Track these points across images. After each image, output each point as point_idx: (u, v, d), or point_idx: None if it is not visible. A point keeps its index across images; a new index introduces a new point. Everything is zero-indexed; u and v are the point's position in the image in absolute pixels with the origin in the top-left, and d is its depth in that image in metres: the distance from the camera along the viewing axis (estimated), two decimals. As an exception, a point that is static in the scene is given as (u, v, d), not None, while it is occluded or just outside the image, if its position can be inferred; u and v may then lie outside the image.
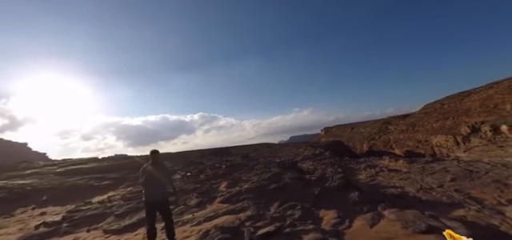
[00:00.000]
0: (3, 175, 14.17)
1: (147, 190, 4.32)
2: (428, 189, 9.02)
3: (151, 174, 4.35)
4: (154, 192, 4.31)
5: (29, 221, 7.20)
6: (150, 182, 4.31)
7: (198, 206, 6.83)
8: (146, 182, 4.32)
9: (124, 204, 7.46)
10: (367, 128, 41.46)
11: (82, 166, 15.94)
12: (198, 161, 18.20)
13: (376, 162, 16.95)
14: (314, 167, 14.77)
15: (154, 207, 4.32)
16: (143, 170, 4.41)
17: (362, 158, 21.30)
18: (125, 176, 12.48)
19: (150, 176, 4.33)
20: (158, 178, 4.36)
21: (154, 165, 4.43)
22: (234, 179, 9.23)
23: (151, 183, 4.31)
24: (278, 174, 9.59)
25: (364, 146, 39.04)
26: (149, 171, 4.37)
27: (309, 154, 24.37)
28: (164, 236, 4.62)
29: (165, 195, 4.44)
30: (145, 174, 4.37)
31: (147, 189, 4.33)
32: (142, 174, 4.39)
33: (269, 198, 6.81)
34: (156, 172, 4.37)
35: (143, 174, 4.38)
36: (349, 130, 44.10)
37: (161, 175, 4.42)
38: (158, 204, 4.33)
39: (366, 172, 13.52)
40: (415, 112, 37.58)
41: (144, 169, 4.43)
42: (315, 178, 9.41)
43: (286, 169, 11.77)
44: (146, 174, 4.36)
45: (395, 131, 37.26)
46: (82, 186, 10.52)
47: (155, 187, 4.32)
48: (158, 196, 4.33)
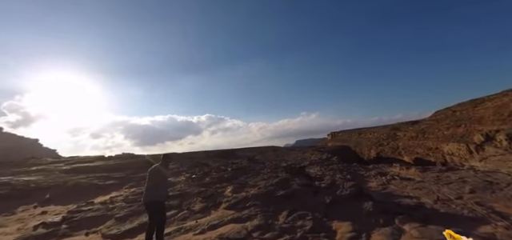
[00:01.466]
0: (10, 171, 14.11)
1: (146, 189, 4.34)
2: (446, 200, 8.41)
3: (154, 174, 4.38)
4: (150, 193, 4.27)
5: (29, 220, 6.95)
6: (149, 183, 4.33)
7: (203, 211, 6.44)
8: (147, 182, 4.38)
9: (126, 206, 7.13)
10: (375, 134, 40.58)
11: (88, 164, 15.80)
12: (204, 162, 17.88)
13: (386, 170, 16.31)
14: (322, 173, 14.26)
15: (149, 207, 4.28)
16: (150, 170, 4.47)
17: (370, 165, 20.62)
18: (129, 176, 12.23)
19: (151, 176, 4.37)
20: (159, 179, 4.35)
21: (161, 167, 4.50)
22: (240, 184, 8.82)
23: (149, 185, 4.31)
24: (285, 179, 9.14)
25: (372, 151, 38.16)
26: (151, 172, 4.42)
27: (316, 158, 23.81)
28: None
29: (161, 198, 4.35)
30: (149, 173, 4.43)
31: (145, 190, 4.35)
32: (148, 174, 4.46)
33: (277, 206, 6.38)
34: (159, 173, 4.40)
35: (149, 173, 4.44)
36: (356, 136, 43.26)
37: (162, 178, 4.42)
38: (150, 204, 4.25)
39: (377, 180, 12.92)
40: (425, 118, 36.57)
41: (151, 169, 4.48)
42: (325, 186, 8.92)
43: (294, 174, 11.31)
44: (149, 174, 4.41)
45: (404, 138, 36.31)
46: (86, 184, 10.29)
47: (153, 188, 4.29)
48: (153, 197, 4.26)
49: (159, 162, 4.56)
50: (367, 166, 18.85)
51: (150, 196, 4.23)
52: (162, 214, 4.40)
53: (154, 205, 4.23)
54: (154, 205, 4.23)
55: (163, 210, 4.45)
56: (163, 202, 4.45)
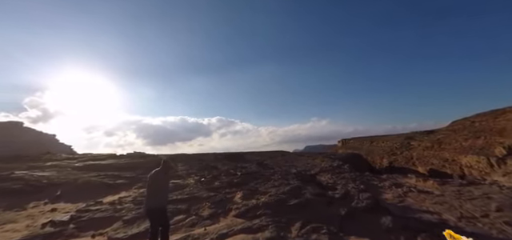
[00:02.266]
0: (26, 165, 14.36)
1: (146, 196, 4.21)
2: (470, 218, 7.80)
3: (153, 180, 4.25)
4: (150, 200, 4.12)
5: (38, 217, 6.88)
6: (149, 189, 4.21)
7: (211, 218, 6.16)
8: (146, 188, 4.27)
9: (134, 208, 6.95)
10: (388, 142, 39.32)
11: (100, 161, 15.91)
12: (213, 165, 17.67)
13: (401, 181, 15.58)
14: (333, 181, 13.74)
15: (150, 215, 4.14)
16: (149, 176, 4.34)
17: (384, 174, 19.82)
18: (139, 176, 12.14)
19: (151, 182, 4.24)
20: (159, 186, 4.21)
21: (162, 172, 4.32)
22: (251, 190, 8.50)
23: (149, 191, 4.18)
24: (297, 187, 8.77)
25: (384, 160, 36.94)
26: (151, 177, 4.29)
27: (326, 166, 23.16)
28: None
29: (161, 205, 4.15)
30: (148, 179, 4.30)
31: (146, 196, 4.22)
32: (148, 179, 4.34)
33: (289, 217, 6.01)
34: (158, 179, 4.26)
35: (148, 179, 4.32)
36: (368, 143, 42.08)
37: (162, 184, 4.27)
38: (151, 212, 4.09)
39: (392, 191, 12.30)
40: (441, 128, 35.14)
41: (151, 174, 4.34)
42: (339, 196, 8.47)
43: (306, 182, 10.90)
44: (149, 180, 4.28)
45: (419, 147, 34.97)
46: (96, 183, 10.25)
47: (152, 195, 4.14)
48: (153, 204, 4.08)
49: (159, 167, 4.36)
50: (380, 176, 18.10)
51: (150, 203, 4.07)
52: (165, 221, 4.20)
53: (154, 212, 4.06)
54: (155, 212, 4.06)
55: (165, 216, 4.25)
56: (164, 209, 4.24)
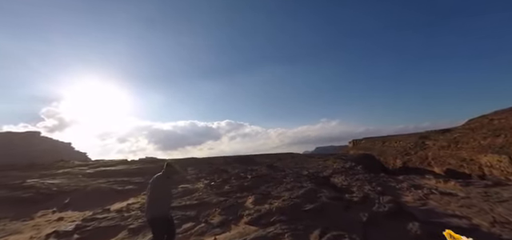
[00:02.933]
0: (38, 173, 14.36)
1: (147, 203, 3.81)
2: (505, 223, 7.01)
3: (154, 186, 3.85)
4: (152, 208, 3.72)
5: (44, 227, 6.60)
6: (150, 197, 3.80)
7: (222, 225, 5.69)
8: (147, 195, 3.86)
9: (141, 215, 6.57)
10: (401, 142, 37.94)
11: (111, 167, 15.78)
12: (223, 168, 17.26)
13: (420, 182, 14.68)
14: (347, 183, 13.04)
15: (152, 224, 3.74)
16: (151, 182, 3.94)
17: (400, 175, 18.87)
18: (148, 181, 11.82)
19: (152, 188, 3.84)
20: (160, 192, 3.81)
21: (163, 176, 3.94)
22: (263, 194, 8.00)
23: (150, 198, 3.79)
24: (312, 190, 8.20)
25: (397, 161, 35.62)
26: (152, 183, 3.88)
27: (338, 167, 22.35)
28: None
29: (163, 213, 3.76)
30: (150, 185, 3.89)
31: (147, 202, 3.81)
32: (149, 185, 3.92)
33: (306, 223, 5.47)
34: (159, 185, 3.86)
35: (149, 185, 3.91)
36: (380, 144, 40.77)
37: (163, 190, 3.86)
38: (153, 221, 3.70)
39: (412, 193, 11.49)
40: (458, 127, 33.58)
41: (152, 180, 3.94)
42: (357, 200, 7.84)
43: (319, 184, 10.31)
44: (150, 186, 3.88)
45: (434, 147, 33.53)
46: (105, 189, 9.99)
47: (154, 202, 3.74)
48: (155, 213, 3.69)
49: (161, 171, 3.99)
50: (396, 177, 17.19)
51: (152, 211, 3.69)
52: (169, 230, 3.87)
53: (156, 221, 3.68)
54: (157, 221, 3.68)
55: (168, 225, 3.89)
56: (167, 217, 3.87)
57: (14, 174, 13.52)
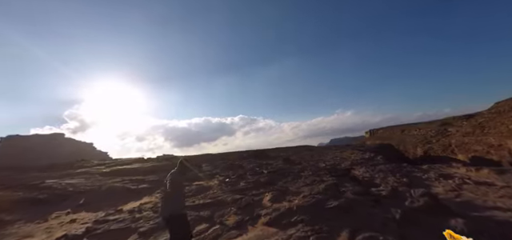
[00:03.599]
0: (58, 173, 14.50)
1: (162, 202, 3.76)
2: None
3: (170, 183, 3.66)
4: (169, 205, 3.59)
5: (55, 230, 6.33)
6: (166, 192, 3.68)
7: (238, 227, 5.14)
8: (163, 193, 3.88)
9: (152, 217, 6.16)
10: (421, 130, 35.96)
11: (127, 166, 15.73)
12: (238, 163, 16.79)
13: (447, 171, 13.49)
14: (369, 175, 12.15)
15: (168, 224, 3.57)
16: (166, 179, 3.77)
17: (424, 165, 17.64)
18: (162, 179, 11.52)
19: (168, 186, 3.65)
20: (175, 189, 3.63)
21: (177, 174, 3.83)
22: (280, 190, 7.38)
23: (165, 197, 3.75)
24: (334, 185, 7.48)
25: (418, 150, 33.80)
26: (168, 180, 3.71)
27: (357, 158, 21.29)
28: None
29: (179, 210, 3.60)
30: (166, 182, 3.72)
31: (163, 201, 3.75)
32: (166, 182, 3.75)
33: (331, 223, 4.81)
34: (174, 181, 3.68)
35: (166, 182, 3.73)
36: (399, 133, 38.87)
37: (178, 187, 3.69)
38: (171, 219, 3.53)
39: (442, 184, 10.44)
40: (483, 111, 31.27)
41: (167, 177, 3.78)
42: (386, 193, 7.04)
43: (340, 178, 9.55)
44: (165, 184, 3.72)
45: (457, 134, 31.46)
46: (119, 189, 9.76)
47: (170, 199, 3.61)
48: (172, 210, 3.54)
49: (175, 168, 3.90)
50: (420, 167, 16.02)
51: (168, 210, 3.53)
52: (186, 229, 3.66)
53: (174, 219, 3.51)
54: (175, 219, 3.52)
55: (185, 224, 3.68)
56: (182, 215, 3.68)
57: (34, 175, 13.70)
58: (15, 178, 14.12)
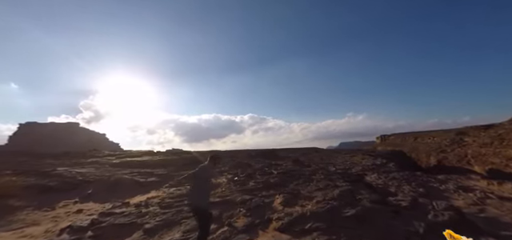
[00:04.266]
0: (70, 162, 14.61)
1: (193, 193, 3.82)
2: None
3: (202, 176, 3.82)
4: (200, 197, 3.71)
5: (62, 219, 6.20)
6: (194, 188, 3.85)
7: (248, 230, 4.79)
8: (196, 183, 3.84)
9: (159, 212, 5.90)
10: (435, 138, 34.51)
11: (136, 158, 15.70)
12: (246, 162, 16.47)
13: (466, 183, 12.66)
14: (383, 182, 11.56)
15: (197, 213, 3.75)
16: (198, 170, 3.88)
17: (440, 175, 16.78)
18: (171, 173, 11.37)
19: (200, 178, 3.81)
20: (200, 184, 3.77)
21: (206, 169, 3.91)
22: (292, 193, 6.98)
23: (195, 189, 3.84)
24: (349, 191, 7.02)
25: (431, 158, 32.44)
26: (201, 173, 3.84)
27: (368, 163, 20.56)
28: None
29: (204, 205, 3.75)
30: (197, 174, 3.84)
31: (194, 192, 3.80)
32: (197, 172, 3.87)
33: (349, 234, 4.39)
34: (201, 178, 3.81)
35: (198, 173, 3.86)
36: (411, 140, 37.50)
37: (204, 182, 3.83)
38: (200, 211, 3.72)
39: (462, 197, 9.75)
40: (504, 122, 29.64)
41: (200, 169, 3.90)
42: (406, 204, 6.53)
43: (354, 183, 9.06)
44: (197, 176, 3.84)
45: (474, 144, 29.93)
46: (127, 181, 9.61)
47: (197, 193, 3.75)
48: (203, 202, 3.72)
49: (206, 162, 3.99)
50: (436, 177, 15.21)
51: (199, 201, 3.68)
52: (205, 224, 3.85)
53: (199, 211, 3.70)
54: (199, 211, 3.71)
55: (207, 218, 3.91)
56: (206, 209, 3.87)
57: (47, 162, 13.84)
58: (31, 163, 14.32)
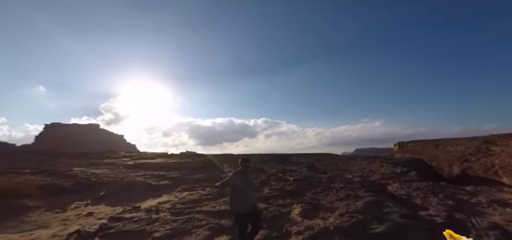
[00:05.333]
0: (87, 162, 14.72)
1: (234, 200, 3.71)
2: None
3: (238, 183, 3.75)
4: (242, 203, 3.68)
5: (71, 222, 5.96)
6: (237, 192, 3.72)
7: (264, 245, 4.28)
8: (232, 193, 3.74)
9: (170, 220, 5.51)
10: (459, 147, 32.37)
11: (150, 160, 15.60)
12: (259, 167, 15.94)
13: (500, 196, 11.47)
14: (406, 193, 10.65)
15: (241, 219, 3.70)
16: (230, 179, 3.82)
17: (467, 187, 15.45)
18: (184, 177, 11.06)
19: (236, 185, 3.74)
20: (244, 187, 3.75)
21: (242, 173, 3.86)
22: (311, 203, 6.39)
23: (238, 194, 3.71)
24: (374, 203, 6.33)
25: (454, 168, 30.40)
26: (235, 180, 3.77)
27: (388, 172, 19.39)
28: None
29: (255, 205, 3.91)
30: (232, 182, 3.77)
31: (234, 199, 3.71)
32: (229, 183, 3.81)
33: (382, 256, 3.77)
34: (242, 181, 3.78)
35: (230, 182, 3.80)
36: (432, 148, 35.42)
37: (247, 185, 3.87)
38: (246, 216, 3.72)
39: (498, 211, 8.69)
40: (536, 131, 27.38)
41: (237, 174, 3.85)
42: (442, 221, 5.77)
43: (377, 193, 8.31)
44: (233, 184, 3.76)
45: (502, 154, 27.77)
46: (140, 183, 9.38)
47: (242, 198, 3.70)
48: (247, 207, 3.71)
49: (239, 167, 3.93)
50: (464, 188, 13.99)
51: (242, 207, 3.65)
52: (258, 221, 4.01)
53: (246, 216, 3.70)
54: (247, 216, 3.71)
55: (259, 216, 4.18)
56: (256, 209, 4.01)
57: (65, 161, 13.99)
58: (49, 163, 14.57)
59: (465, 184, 17.93)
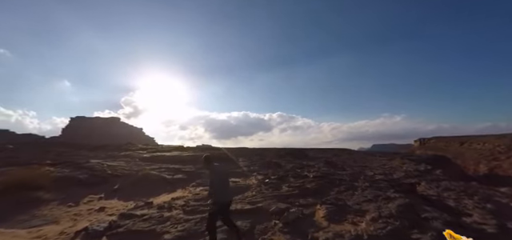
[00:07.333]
0: (104, 154, 14.75)
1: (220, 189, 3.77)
2: None
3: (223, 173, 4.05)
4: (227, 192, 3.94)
5: (82, 218, 5.65)
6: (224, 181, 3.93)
7: (288, 254, 3.65)
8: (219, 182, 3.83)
9: (182, 219, 5.02)
10: (486, 144, 30.02)
11: (166, 153, 15.41)
12: (276, 161, 15.29)
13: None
14: (437, 194, 9.59)
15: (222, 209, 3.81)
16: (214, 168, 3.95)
17: (502, 188, 13.99)
18: (198, 171, 10.63)
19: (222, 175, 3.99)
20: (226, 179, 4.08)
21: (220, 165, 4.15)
22: (336, 204, 5.67)
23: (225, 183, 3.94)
24: (409, 206, 5.52)
25: (480, 166, 28.28)
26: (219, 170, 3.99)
27: (410, 169, 18.09)
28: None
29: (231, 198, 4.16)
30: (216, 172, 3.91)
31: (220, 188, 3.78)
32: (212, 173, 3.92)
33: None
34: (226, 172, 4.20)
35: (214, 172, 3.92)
36: (456, 145, 33.13)
37: None
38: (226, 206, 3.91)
39: (550, 218, 7.58)
40: None
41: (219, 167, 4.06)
42: (493, 230, 4.88)
43: (407, 194, 7.42)
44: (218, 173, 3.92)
45: (537, 152, 25.42)
46: (154, 177, 9.05)
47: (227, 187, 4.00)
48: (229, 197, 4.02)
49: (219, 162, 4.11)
50: (499, 189, 12.61)
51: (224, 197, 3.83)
52: None
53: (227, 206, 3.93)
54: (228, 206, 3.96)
55: None
56: None
57: (82, 154, 14.07)
58: (69, 154, 14.75)
59: (495, 184, 16.38)
